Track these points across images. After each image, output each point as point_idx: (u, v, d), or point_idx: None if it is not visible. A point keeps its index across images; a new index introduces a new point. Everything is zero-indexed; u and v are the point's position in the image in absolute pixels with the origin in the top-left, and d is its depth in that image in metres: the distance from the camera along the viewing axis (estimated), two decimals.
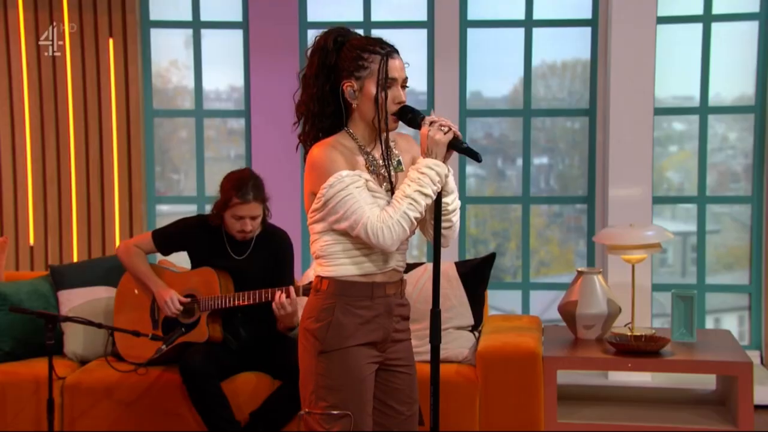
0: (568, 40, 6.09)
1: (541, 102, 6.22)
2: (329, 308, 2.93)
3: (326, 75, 2.93)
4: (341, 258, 2.94)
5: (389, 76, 2.91)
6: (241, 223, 4.52)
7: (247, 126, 6.16)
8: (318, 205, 2.91)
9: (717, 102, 6.01)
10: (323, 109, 2.95)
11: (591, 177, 6.02)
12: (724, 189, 6.17)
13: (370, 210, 2.84)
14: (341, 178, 2.85)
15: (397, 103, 2.95)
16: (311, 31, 6.08)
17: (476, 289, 4.88)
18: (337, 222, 2.88)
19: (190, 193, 6.35)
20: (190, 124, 6.32)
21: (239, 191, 4.49)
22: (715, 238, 6.16)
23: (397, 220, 2.84)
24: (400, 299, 3.06)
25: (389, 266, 3.00)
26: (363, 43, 2.94)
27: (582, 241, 6.21)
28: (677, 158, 6.29)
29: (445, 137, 2.87)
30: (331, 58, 2.93)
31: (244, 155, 6.20)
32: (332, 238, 2.94)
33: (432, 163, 2.87)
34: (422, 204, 2.86)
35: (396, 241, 2.85)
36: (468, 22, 6.05)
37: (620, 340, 4.69)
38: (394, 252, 2.97)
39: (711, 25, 5.86)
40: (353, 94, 2.93)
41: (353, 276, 2.95)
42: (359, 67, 2.91)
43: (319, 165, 2.88)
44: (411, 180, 2.87)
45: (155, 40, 6.19)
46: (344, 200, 2.85)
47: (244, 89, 6.17)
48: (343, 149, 2.92)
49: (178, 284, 4.67)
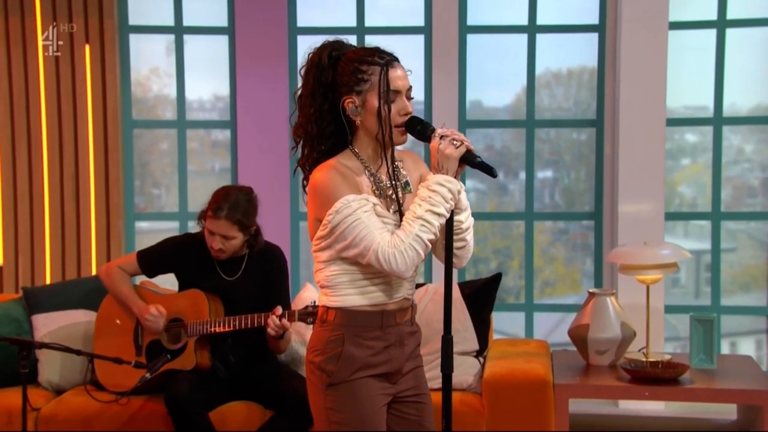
0: (574, 46, 6.08)
1: (545, 112, 6.20)
2: (337, 340, 2.92)
3: (323, 93, 2.92)
4: (348, 288, 2.93)
5: (391, 87, 2.90)
6: (211, 238, 4.50)
7: (232, 138, 6.14)
8: (324, 232, 2.89)
9: (732, 112, 5.99)
10: (323, 130, 2.94)
11: (598, 192, 6.01)
12: (739, 204, 6.16)
13: (381, 235, 2.83)
14: (348, 203, 2.83)
15: (403, 114, 2.94)
16: (301, 37, 6.11)
17: (481, 311, 4.87)
18: (345, 249, 2.87)
19: (171, 209, 6.32)
20: (171, 135, 6.29)
21: (216, 204, 4.48)
22: (731, 257, 6.15)
23: (410, 243, 2.82)
24: (411, 326, 3.05)
25: (399, 295, 3.00)
26: (360, 55, 2.93)
27: (589, 259, 6.19)
28: (690, 172, 6.29)
29: (457, 151, 2.85)
30: (327, 75, 2.92)
31: (230, 169, 6.19)
32: (340, 268, 2.92)
33: (443, 179, 2.86)
34: (435, 224, 2.84)
35: (411, 266, 2.84)
36: (468, 27, 6.04)
37: (635, 367, 4.66)
38: (403, 280, 2.95)
39: (725, 30, 5.85)
40: (356, 110, 2.92)
41: (362, 306, 2.93)
42: (359, 80, 2.90)
43: (322, 189, 2.87)
44: (421, 199, 2.85)
45: (135, 46, 6.16)
46: (352, 226, 2.83)
47: (230, 98, 6.15)
48: (347, 171, 2.91)
49: (164, 308, 4.63)
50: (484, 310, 4.88)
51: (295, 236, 6.08)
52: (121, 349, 4.66)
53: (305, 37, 6.09)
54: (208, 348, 4.60)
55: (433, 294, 4.87)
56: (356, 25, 6.06)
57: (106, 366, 4.64)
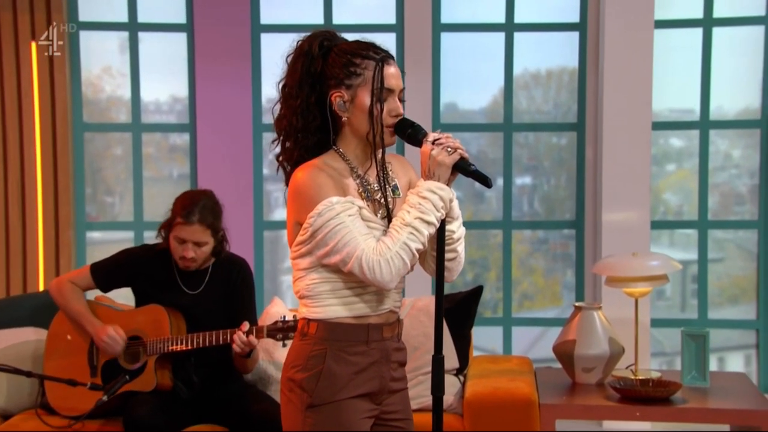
0: (554, 45, 6.09)
1: (524, 115, 6.19)
2: (319, 355, 2.84)
3: (311, 84, 2.86)
4: (330, 298, 2.86)
5: (385, 85, 2.85)
6: (182, 247, 4.42)
7: (191, 142, 6.10)
8: (304, 236, 2.81)
9: (719, 116, 6.00)
10: (308, 123, 2.87)
11: (580, 199, 6.00)
12: (727, 212, 6.17)
13: (365, 241, 2.76)
14: (331, 205, 2.76)
15: (394, 116, 2.88)
16: (265, 35, 6.09)
17: (461, 327, 4.82)
18: (326, 256, 2.79)
19: (126, 219, 6.25)
20: (126, 139, 6.23)
21: (184, 210, 4.40)
22: (718, 268, 6.14)
23: (396, 252, 2.75)
24: (397, 343, 2.98)
25: (385, 307, 2.92)
26: (354, 48, 2.88)
27: (570, 271, 6.18)
28: (675, 178, 6.29)
29: (450, 158, 2.80)
30: (316, 65, 2.86)
31: (189, 175, 6.14)
32: (320, 276, 2.85)
33: (435, 186, 2.80)
34: (425, 233, 2.78)
35: (395, 276, 2.77)
36: (442, 25, 6.02)
37: (625, 386, 4.61)
38: (390, 290, 2.88)
39: (712, 30, 5.86)
40: (343, 105, 2.86)
41: (345, 318, 2.86)
42: (350, 74, 2.85)
43: (304, 191, 2.79)
44: (411, 206, 2.79)
45: (85, 43, 6.10)
46: (335, 231, 2.76)
47: (189, 100, 6.11)
48: (332, 172, 2.84)
49: (120, 325, 4.53)
50: (464, 326, 4.84)
51: (259, 247, 6.03)
52: (75, 370, 4.55)
53: (269, 35, 6.08)
54: (170, 367, 4.51)
55: (410, 308, 4.81)
56: (324, 22, 6.01)
57: (58, 388, 4.51)
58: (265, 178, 6.09)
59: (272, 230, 6.22)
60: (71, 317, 4.59)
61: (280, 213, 6.23)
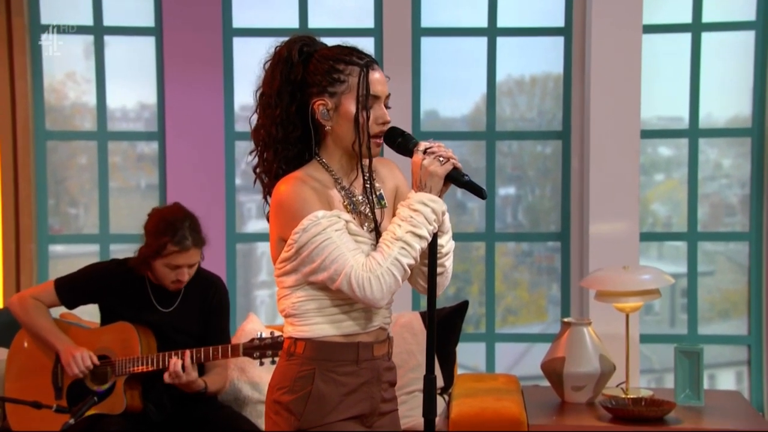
0: (538, 51, 6.06)
1: (507, 123, 6.16)
2: (307, 376, 2.81)
3: (291, 92, 2.84)
4: (316, 317, 2.84)
5: (371, 91, 2.83)
6: (177, 273, 4.41)
7: (160, 150, 6.03)
8: (289, 253, 2.78)
9: (708, 124, 5.98)
10: (288, 134, 2.85)
11: (565, 210, 5.97)
12: (717, 224, 6.14)
13: (354, 257, 2.73)
14: (317, 220, 2.74)
15: (380, 123, 2.86)
16: (237, 39, 6.03)
17: (446, 344, 4.82)
18: (313, 273, 2.77)
19: (90, 231, 6.15)
20: (91, 148, 6.15)
21: (175, 236, 4.37)
22: (708, 281, 6.12)
23: (387, 268, 2.73)
24: (387, 362, 2.97)
25: (374, 324, 2.91)
26: (336, 53, 2.86)
27: (555, 284, 6.14)
28: (664, 188, 6.26)
29: (442, 169, 2.79)
30: (296, 72, 2.84)
31: (158, 186, 6.06)
32: (306, 294, 2.82)
33: (426, 198, 2.78)
34: (416, 248, 2.76)
35: (387, 293, 2.75)
36: (422, 29, 5.97)
37: (617, 405, 4.59)
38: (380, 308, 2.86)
39: (701, 35, 5.83)
40: (327, 114, 2.84)
41: (333, 336, 2.84)
42: (333, 81, 2.83)
43: (288, 205, 2.76)
44: (402, 219, 2.77)
45: (48, 48, 5.99)
46: (321, 247, 2.73)
47: (157, 107, 6.04)
48: (316, 184, 2.82)
49: (87, 343, 4.50)
50: (449, 343, 4.82)
51: (231, 261, 5.98)
52: (39, 391, 4.49)
53: (242, 39, 6.03)
54: (140, 388, 4.46)
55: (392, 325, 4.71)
56: (299, 26, 5.96)
57: (21, 411, 4.46)
58: (238, 188, 6.02)
59: (245, 243, 6.17)
60: (36, 335, 4.54)
61: (253, 225, 6.18)
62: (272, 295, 6.30)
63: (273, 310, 6.31)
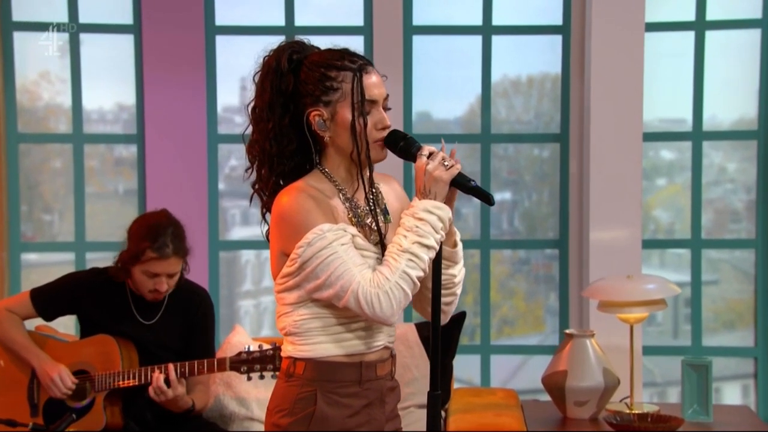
0: (535, 50, 6.05)
1: (503, 125, 6.15)
2: (308, 398, 2.80)
3: (283, 104, 2.84)
4: (320, 336, 2.82)
5: (367, 96, 2.82)
6: (155, 281, 4.39)
7: (140, 154, 6.00)
8: (291, 268, 2.76)
9: (713, 126, 5.98)
10: (283, 148, 2.85)
11: (564, 216, 5.95)
12: (722, 231, 6.14)
13: (360, 273, 2.72)
14: (322, 233, 2.72)
15: (381, 128, 2.85)
16: (221, 38, 6.00)
17: (443, 356, 4.64)
18: (317, 290, 2.75)
19: (66, 239, 6.11)
20: (66, 151, 6.12)
21: (155, 242, 4.35)
22: (713, 290, 6.11)
23: (396, 282, 2.72)
24: (391, 381, 2.97)
25: (378, 343, 2.91)
26: (326, 58, 2.85)
27: (553, 294, 6.13)
28: (666, 194, 6.26)
29: (448, 173, 2.79)
30: (287, 83, 2.84)
31: (136, 191, 6.03)
32: (310, 312, 2.81)
33: (431, 205, 2.77)
34: (425, 259, 2.74)
35: (397, 309, 2.74)
36: (414, 27, 5.95)
37: (622, 421, 4.57)
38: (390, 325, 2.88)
39: (705, 33, 5.82)
40: (323, 124, 2.83)
41: (336, 356, 2.82)
42: (327, 89, 2.82)
43: (290, 217, 2.75)
44: (407, 229, 2.75)
45: (21, 46, 5.99)
46: (327, 262, 2.71)
47: (136, 108, 6.01)
48: (318, 194, 2.81)
49: (65, 357, 4.46)
50: (446, 356, 4.80)
51: (214, 269, 5.95)
52: (14, 409, 4.47)
53: (225, 38, 6.00)
54: (120, 405, 4.45)
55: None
56: (285, 24, 5.94)
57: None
58: (221, 193, 6.00)
59: (229, 251, 6.15)
60: (10, 349, 4.52)
61: (237, 232, 6.17)
62: (257, 305, 6.29)
63: (258, 321, 6.30)
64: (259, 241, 6.27)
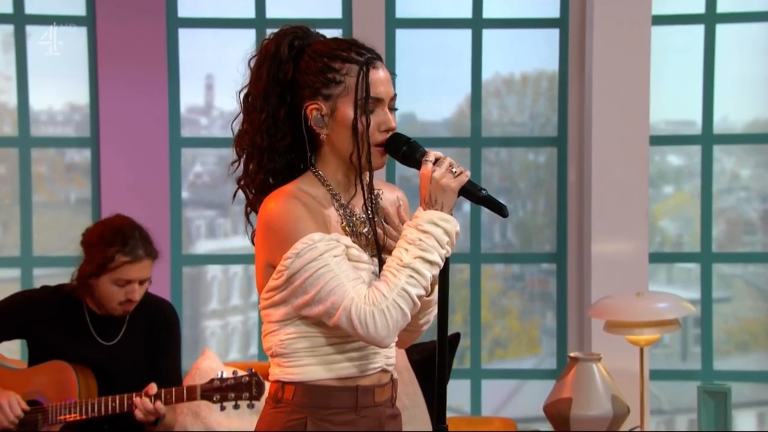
0: (530, 45, 6.08)
1: (495, 128, 6.17)
2: (298, 425, 2.77)
3: (280, 95, 2.81)
4: (308, 357, 2.77)
5: (372, 93, 2.76)
6: (126, 290, 4.32)
7: (94, 159, 5.98)
8: (278, 281, 2.71)
9: (724, 128, 5.99)
10: (276, 142, 2.80)
11: (561, 227, 5.97)
12: (735, 243, 6.17)
13: (354, 288, 2.66)
14: (312, 243, 2.67)
15: (384, 130, 2.80)
16: (184, 31, 6.01)
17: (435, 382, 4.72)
18: (306, 306, 2.69)
19: (10, 253, 6.08)
20: (11, 156, 6.09)
21: (125, 245, 4.31)
22: (725, 309, 6.13)
23: (393, 300, 2.65)
24: (391, 408, 2.93)
25: (375, 366, 2.85)
26: (332, 48, 2.80)
27: (550, 312, 6.14)
28: (673, 202, 6.30)
29: (456, 181, 2.73)
30: (286, 71, 2.80)
31: (90, 200, 6.01)
32: (297, 330, 2.75)
33: (437, 217, 2.71)
34: (427, 276, 2.69)
35: (393, 330, 2.67)
36: (397, 20, 5.96)
37: None
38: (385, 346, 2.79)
39: (715, 27, 5.83)
40: (321, 120, 2.78)
41: (328, 380, 2.78)
42: (329, 81, 2.77)
43: (278, 225, 2.70)
44: (409, 242, 2.69)
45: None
46: (317, 275, 2.66)
47: (90, 109, 6.00)
48: (310, 201, 2.76)
49: (15, 386, 4.37)
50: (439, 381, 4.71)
51: (176, 286, 5.94)
52: None
53: (189, 31, 6.02)
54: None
55: None
56: (255, 16, 5.96)
57: None
58: (185, 202, 5.99)
59: (193, 266, 6.14)
60: None
61: (202, 245, 6.17)
62: (224, 326, 6.27)
63: (225, 343, 6.27)
64: (226, 255, 6.26)
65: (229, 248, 6.23)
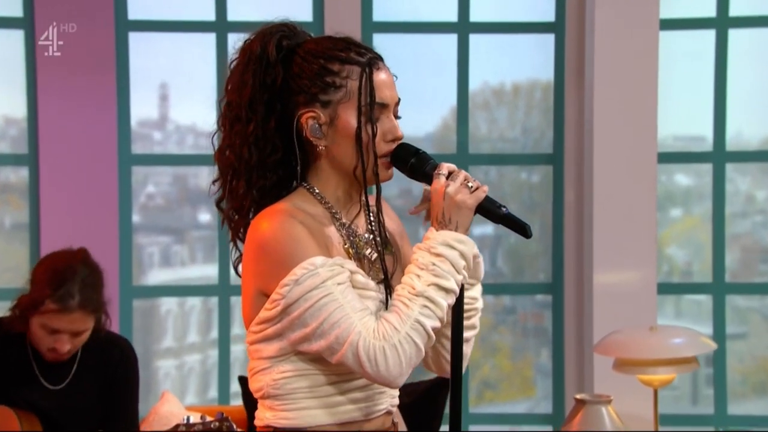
0: (522, 52, 6.13)
1: (483, 144, 6.21)
2: None
3: (268, 102, 2.72)
4: (306, 399, 2.69)
5: (378, 99, 2.69)
6: (54, 338, 4.23)
7: (32, 179, 5.99)
8: (272, 312, 2.62)
9: (738, 145, 6.05)
10: (265, 157, 2.72)
11: (557, 254, 6.00)
12: (750, 273, 6.21)
13: (361, 321, 2.57)
14: (314, 269, 2.58)
15: (390, 140, 2.72)
16: (135, 35, 6.04)
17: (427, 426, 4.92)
18: (305, 341, 2.60)
19: None
20: None
21: (57, 290, 4.19)
22: (740, 346, 6.17)
23: (406, 334, 2.57)
24: None
25: (380, 408, 2.78)
26: (328, 48, 2.73)
27: (545, 349, 6.16)
28: (682, 227, 6.33)
29: (473, 197, 2.68)
30: (275, 75, 2.72)
31: (27, 225, 6.00)
32: (294, 367, 2.67)
33: (452, 238, 2.64)
34: (443, 305, 2.62)
35: (406, 367, 2.59)
36: (374, 24, 6.00)
37: None
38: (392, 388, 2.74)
39: (728, 32, 5.88)
40: (319, 130, 2.70)
41: (327, 426, 2.70)
42: (327, 86, 2.69)
43: (273, 248, 2.62)
44: (421, 267, 2.62)
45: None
46: (319, 305, 2.57)
47: (28, 122, 6.01)
48: (310, 220, 2.68)
49: None
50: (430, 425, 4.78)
51: (126, 321, 5.91)
52: None
53: (140, 35, 6.05)
54: None
55: None
56: (215, 18, 5.99)
57: None
58: (136, 227, 5.99)
59: (145, 298, 6.12)
60: None
61: (156, 275, 6.15)
62: (180, 366, 6.21)
63: (181, 385, 6.21)
64: (182, 286, 6.22)
65: (186, 278, 6.24)
